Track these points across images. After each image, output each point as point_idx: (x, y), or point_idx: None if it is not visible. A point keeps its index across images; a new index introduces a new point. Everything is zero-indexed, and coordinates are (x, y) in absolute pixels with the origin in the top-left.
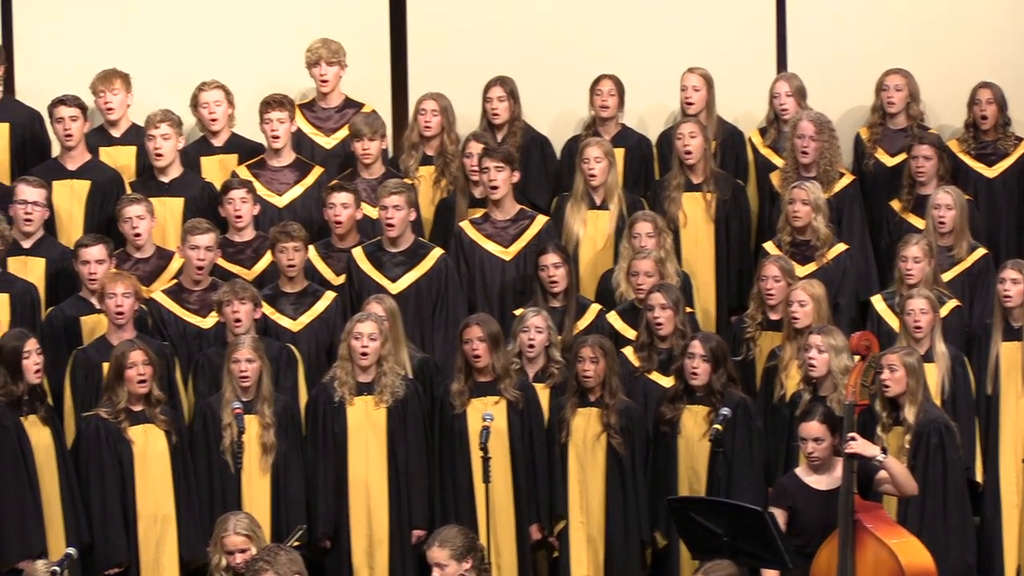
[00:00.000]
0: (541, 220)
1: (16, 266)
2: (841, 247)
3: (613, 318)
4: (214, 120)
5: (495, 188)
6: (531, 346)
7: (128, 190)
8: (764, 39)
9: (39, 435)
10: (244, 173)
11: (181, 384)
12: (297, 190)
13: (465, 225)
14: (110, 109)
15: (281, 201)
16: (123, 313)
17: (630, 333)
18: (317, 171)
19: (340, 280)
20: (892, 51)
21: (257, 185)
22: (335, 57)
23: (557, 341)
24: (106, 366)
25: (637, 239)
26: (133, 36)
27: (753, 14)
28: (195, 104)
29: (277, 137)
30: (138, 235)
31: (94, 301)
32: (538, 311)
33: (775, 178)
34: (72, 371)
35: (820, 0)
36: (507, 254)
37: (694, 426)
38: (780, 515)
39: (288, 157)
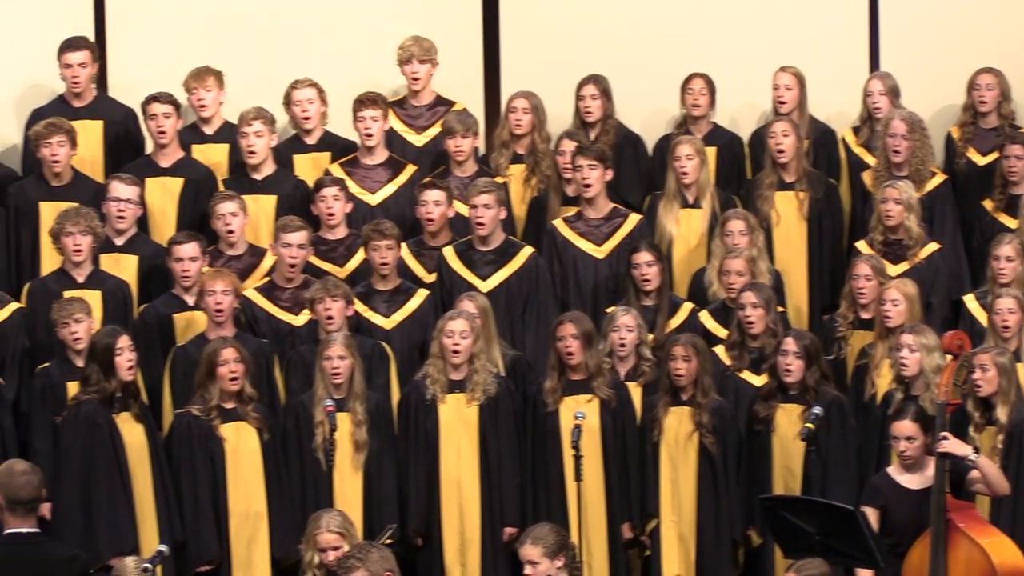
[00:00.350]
0: (634, 218)
1: (109, 263)
2: (933, 246)
3: (705, 317)
4: (307, 118)
5: (588, 186)
6: (622, 345)
7: (221, 187)
8: (856, 37)
9: (132, 432)
10: (337, 171)
11: (281, 382)
12: (390, 188)
13: (558, 223)
14: (203, 106)
15: (374, 199)
16: (222, 311)
17: (722, 332)
18: (410, 169)
19: (432, 278)
20: (984, 50)
21: (350, 183)
22: (427, 55)
23: (648, 340)
24: None
25: (729, 237)
26: (226, 33)
27: (846, 12)
28: (288, 102)
29: (370, 135)
30: (231, 232)
31: (187, 298)
32: (628, 310)
33: (867, 177)
34: (171, 368)
35: None
36: (600, 252)
37: (788, 424)
38: (872, 514)
39: (381, 155)
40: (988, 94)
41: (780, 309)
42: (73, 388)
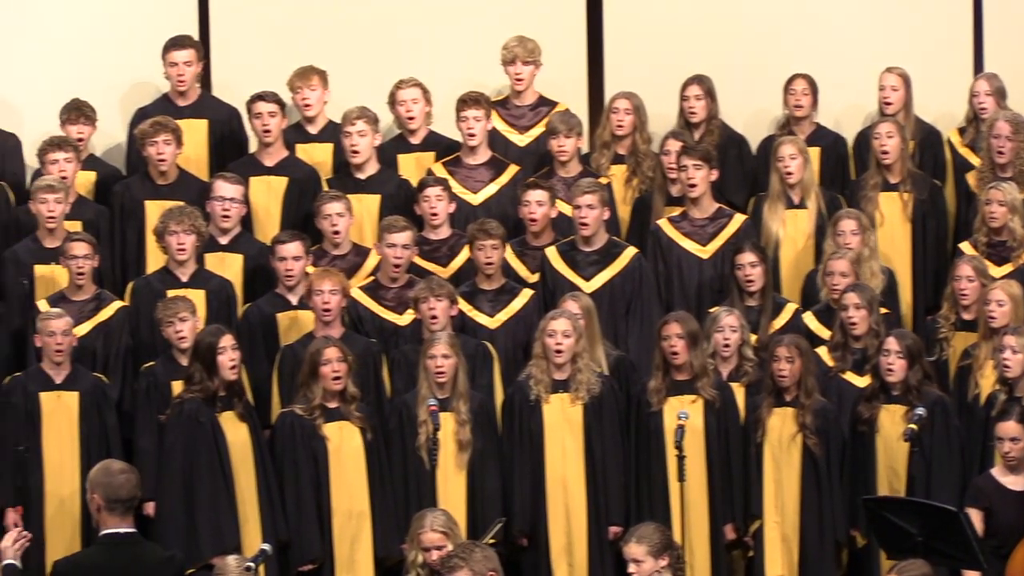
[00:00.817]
0: (739, 219)
1: (213, 262)
2: None
3: (808, 318)
4: (411, 118)
5: (694, 186)
6: (726, 345)
7: (325, 187)
8: (961, 38)
9: (236, 431)
10: (440, 171)
11: (388, 382)
12: (492, 188)
13: (663, 223)
14: (308, 106)
15: (476, 199)
16: (330, 310)
17: (825, 333)
18: (512, 169)
19: (535, 278)
20: None
21: (452, 183)
22: (531, 55)
23: (751, 340)
24: None
25: (841, 237)
26: (331, 33)
27: (950, 13)
28: (392, 102)
29: (473, 135)
30: (337, 232)
31: (290, 297)
32: (731, 310)
33: (971, 178)
34: (279, 367)
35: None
36: (705, 252)
37: (891, 425)
38: (976, 516)
39: (484, 155)
40: None
41: (884, 311)
42: (177, 387)
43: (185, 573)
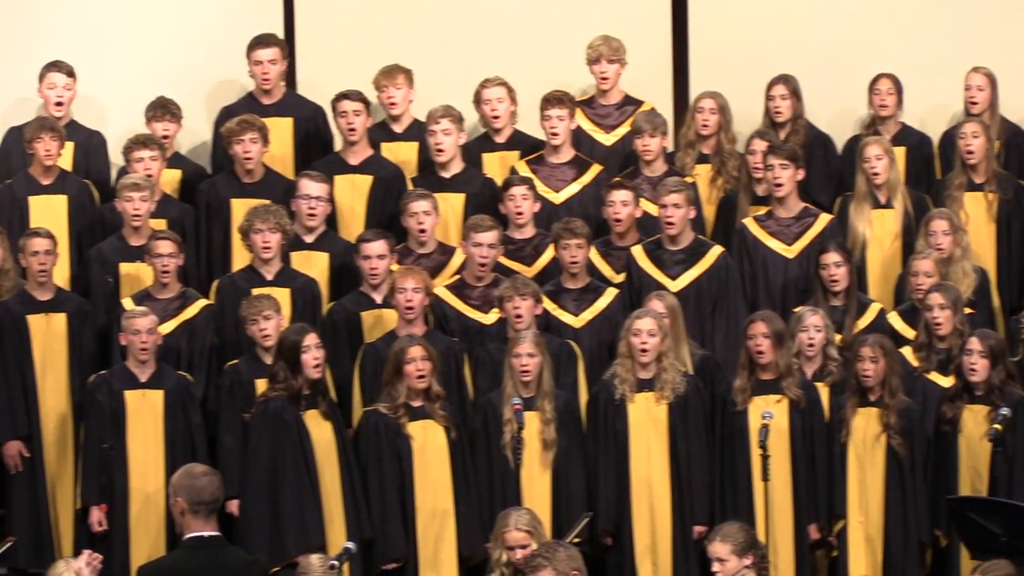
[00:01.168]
0: (825, 218)
1: (299, 261)
2: None
3: (893, 318)
4: (496, 117)
5: (780, 185)
6: (810, 345)
7: (410, 185)
8: None
9: (320, 429)
10: (523, 169)
11: (470, 381)
12: (575, 187)
13: (748, 222)
14: (393, 104)
15: (558, 198)
16: (413, 308)
17: (910, 333)
18: (595, 169)
19: (620, 278)
20: None
21: (535, 181)
22: (616, 55)
23: (835, 340)
24: None
25: (932, 237)
26: (416, 31)
27: None
28: (478, 100)
29: (556, 134)
30: (423, 231)
31: (375, 296)
32: (815, 310)
33: None
34: (361, 365)
35: None
36: (790, 252)
37: (975, 425)
38: None
39: (567, 154)
40: None
41: (969, 311)
42: (261, 385)
43: (270, 572)
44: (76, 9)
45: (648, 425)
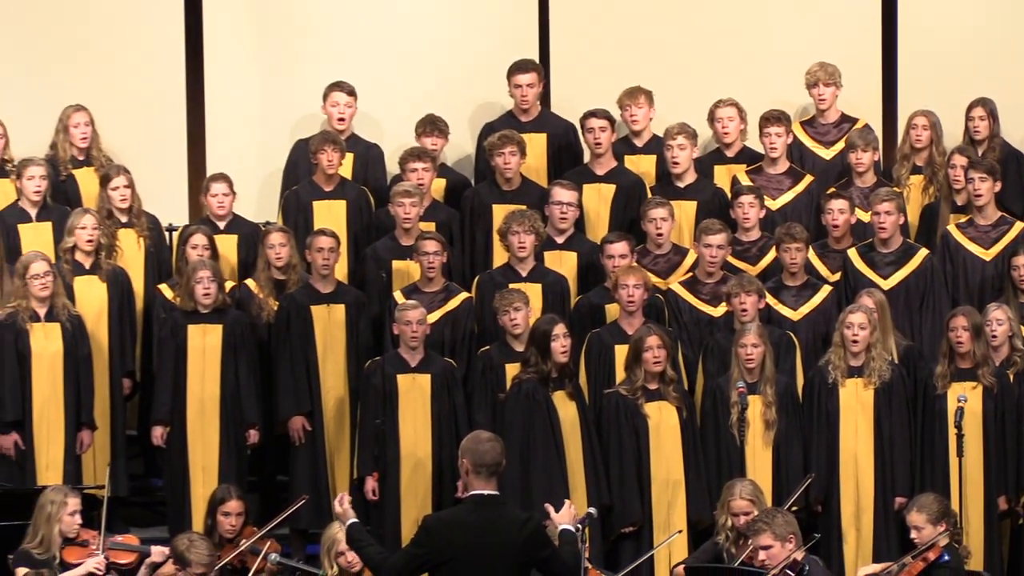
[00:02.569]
0: (1019, 226)
1: (551, 259)
2: None
3: None
4: (727, 133)
5: (979, 196)
6: (994, 336)
7: (649, 194)
8: None
9: (566, 409)
10: (744, 177)
11: (683, 367)
12: (790, 195)
13: (951, 228)
14: (635, 121)
15: (774, 204)
16: (633, 301)
17: None
18: (807, 179)
19: (835, 277)
20: None
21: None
22: (831, 79)
23: (1020, 331)
24: (617, 348)
25: None
26: (656, 57)
27: None
28: (711, 119)
29: (774, 148)
30: (660, 234)
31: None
32: (1000, 305)
33: None
34: (587, 351)
35: None
36: (987, 255)
37: None
38: None
39: (783, 166)
40: None
41: None
42: (511, 369)
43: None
44: (356, 36)
45: (856, 407)
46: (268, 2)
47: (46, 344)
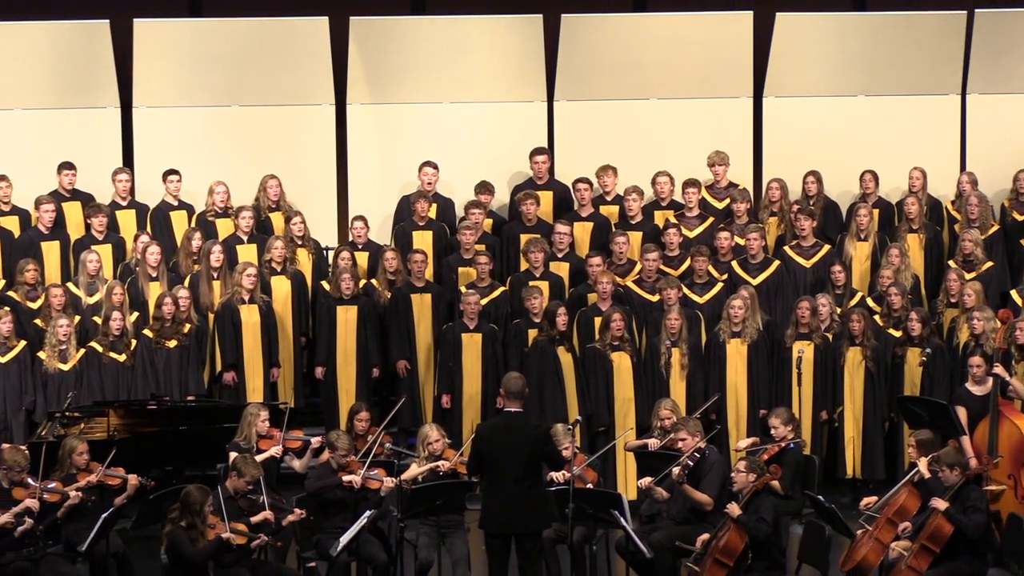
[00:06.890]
0: (826, 248)
1: (555, 267)
2: None
3: None
4: (663, 191)
5: (803, 230)
6: (821, 313)
7: (613, 228)
8: None
9: (565, 358)
10: (672, 219)
11: (636, 332)
12: (699, 229)
13: (787, 249)
14: (606, 185)
15: (691, 234)
16: (606, 292)
17: None
18: (710, 220)
19: (724, 277)
20: None
21: None
22: (723, 160)
23: (835, 311)
24: (596, 320)
25: None
26: (621, 146)
27: None
28: (653, 183)
29: (691, 201)
30: (621, 253)
31: None
32: (824, 294)
33: None
34: (578, 323)
35: None
36: (808, 264)
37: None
38: None
39: (696, 212)
40: None
41: None
42: (531, 334)
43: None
44: (438, 134)
45: (737, 357)
46: (386, 114)
47: (249, 316)
